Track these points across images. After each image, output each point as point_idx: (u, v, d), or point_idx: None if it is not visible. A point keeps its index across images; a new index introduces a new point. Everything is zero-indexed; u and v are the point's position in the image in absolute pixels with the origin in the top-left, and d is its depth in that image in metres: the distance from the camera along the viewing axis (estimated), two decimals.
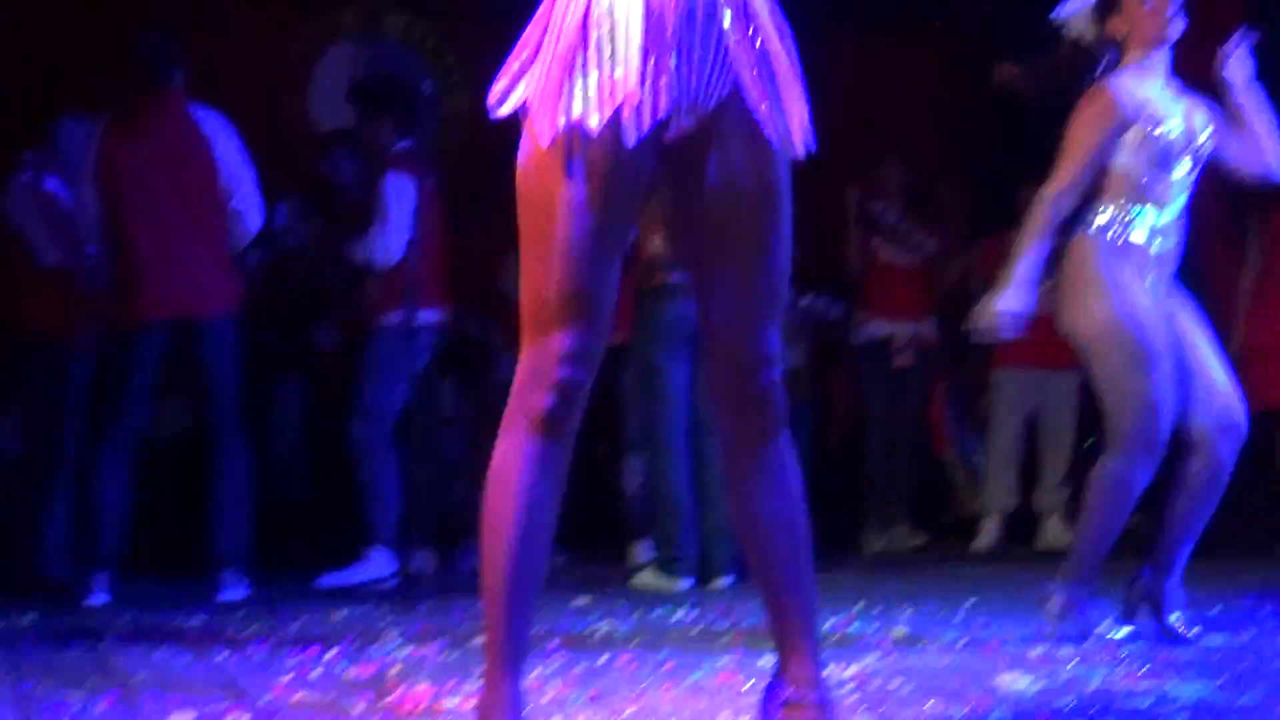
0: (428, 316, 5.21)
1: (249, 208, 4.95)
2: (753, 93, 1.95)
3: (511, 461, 1.93)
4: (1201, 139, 3.64)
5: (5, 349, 5.38)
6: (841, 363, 7.02)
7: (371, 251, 5.23)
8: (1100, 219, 3.62)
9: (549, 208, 1.91)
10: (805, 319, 6.56)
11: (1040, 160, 6.86)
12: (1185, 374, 3.53)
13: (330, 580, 5.17)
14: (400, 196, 5.19)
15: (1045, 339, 6.34)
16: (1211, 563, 4.29)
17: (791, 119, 2.00)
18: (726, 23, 1.94)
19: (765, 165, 1.97)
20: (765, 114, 1.95)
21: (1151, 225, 3.59)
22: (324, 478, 6.17)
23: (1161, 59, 3.69)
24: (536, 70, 1.96)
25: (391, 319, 5.18)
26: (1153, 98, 3.60)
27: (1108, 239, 3.58)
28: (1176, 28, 3.64)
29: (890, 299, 6.60)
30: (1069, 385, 6.48)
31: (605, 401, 5.61)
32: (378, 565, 5.26)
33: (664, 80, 1.87)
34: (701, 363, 2.23)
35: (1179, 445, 3.59)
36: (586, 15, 1.90)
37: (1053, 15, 3.87)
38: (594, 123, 1.86)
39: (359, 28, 8.24)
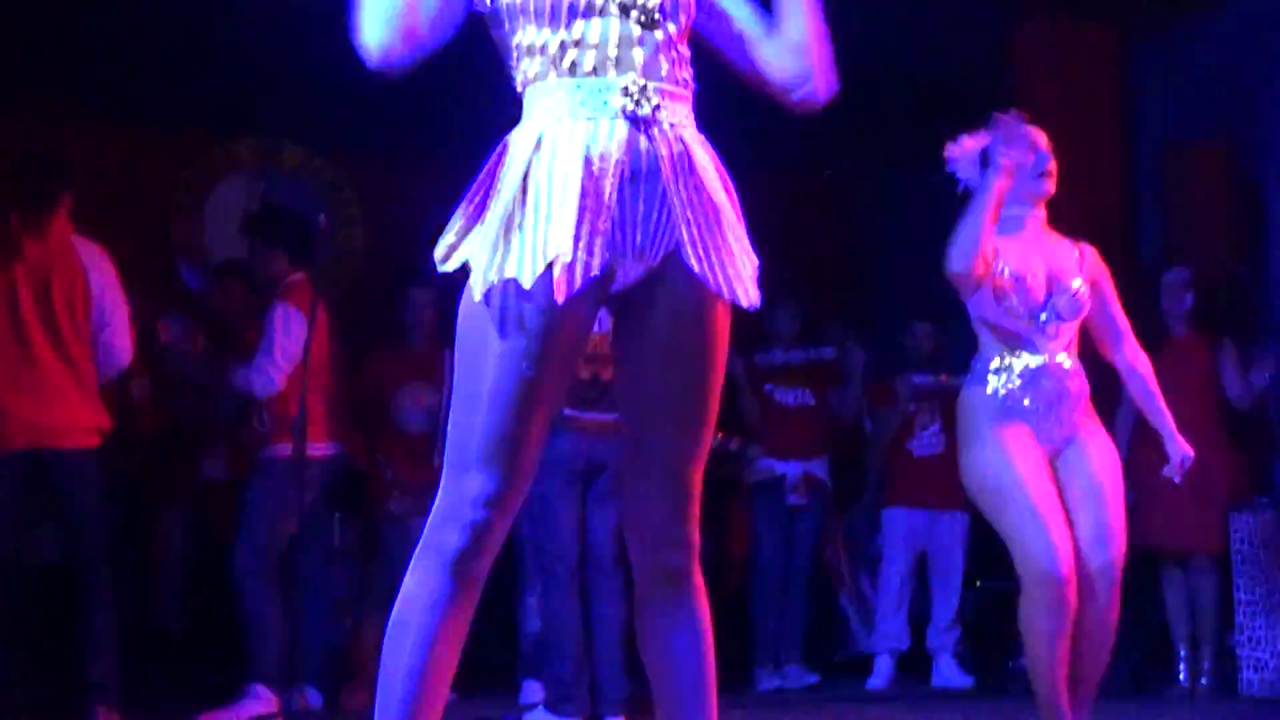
0: (317, 450, 5.16)
1: (120, 340, 4.87)
2: (695, 248, 1.97)
3: (417, 599, 1.93)
4: (1076, 288, 3.74)
5: None
6: (737, 498, 7.03)
7: (253, 380, 5.17)
8: (981, 370, 3.77)
9: (481, 357, 1.94)
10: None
11: (927, 304, 7.05)
12: (1071, 514, 3.61)
13: (210, 718, 5.01)
14: (288, 327, 5.17)
15: (933, 480, 6.51)
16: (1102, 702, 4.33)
17: (736, 271, 2.01)
18: (669, 180, 1.97)
19: (707, 318, 2.02)
20: (707, 269, 1.98)
21: (1028, 370, 3.69)
22: (208, 609, 6.04)
23: (1031, 211, 3.86)
24: (479, 228, 1.98)
25: (280, 451, 5.14)
26: (1014, 253, 3.74)
27: (986, 390, 3.71)
28: (1046, 186, 3.85)
29: (783, 439, 6.63)
30: (958, 525, 6.55)
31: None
32: (259, 702, 5.09)
33: (599, 240, 1.89)
34: (625, 497, 2.24)
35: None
36: (526, 174, 1.93)
37: (946, 154, 4.04)
38: (526, 280, 1.87)
39: (256, 159, 8.28)
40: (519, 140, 2.00)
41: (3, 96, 7.33)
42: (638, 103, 1.97)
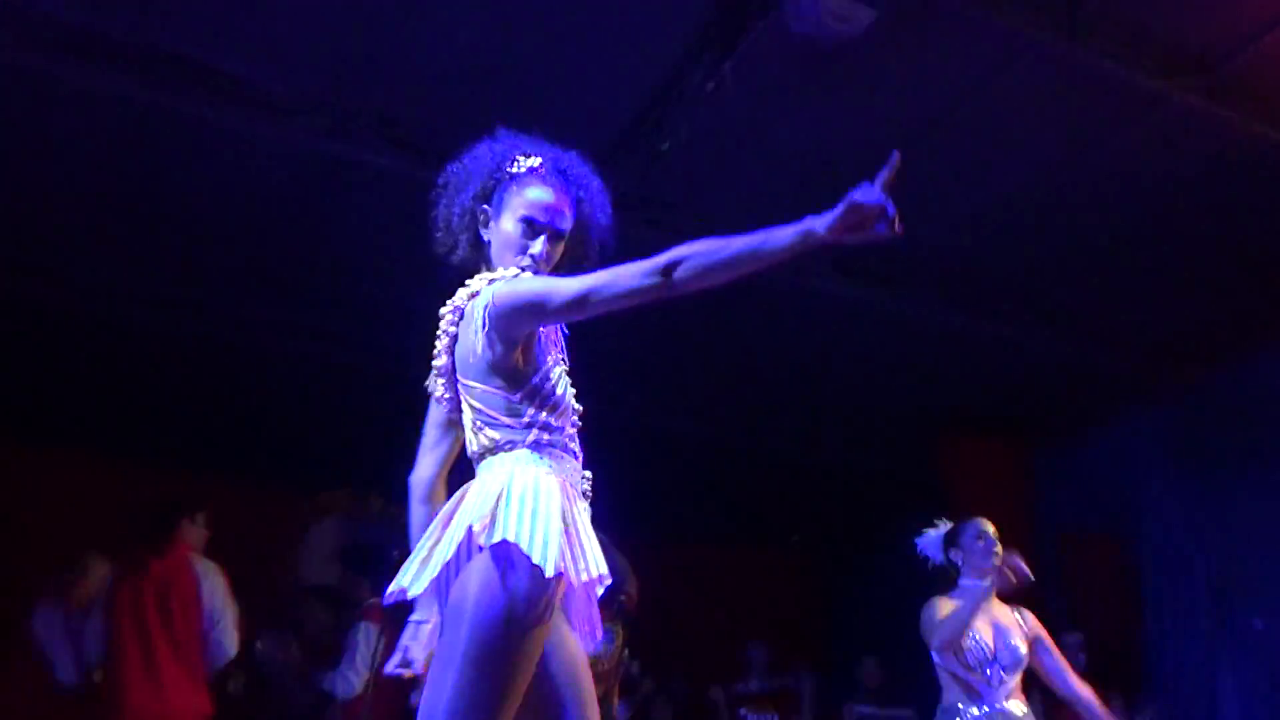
0: None
1: (226, 638, 4.92)
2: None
3: None
4: (1017, 645, 3.75)
5: None
6: None
7: (336, 683, 5.15)
8: (945, 712, 3.73)
9: (522, 659, 1.91)
10: None
11: (876, 644, 6.99)
12: None
13: None
14: (366, 641, 5.19)
15: None
16: None
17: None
18: None
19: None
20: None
21: (987, 715, 3.65)
22: None
23: (985, 583, 3.87)
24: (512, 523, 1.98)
25: None
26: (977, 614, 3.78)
27: None
28: (993, 562, 3.88)
29: None
30: None
31: None
32: None
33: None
34: None
35: None
36: (565, 510, 2.02)
37: (916, 541, 4.24)
38: (585, 575, 1.98)
39: (348, 507, 8.45)
40: (546, 479, 2.04)
41: (144, 456, 7.60)
42: (586, 482, 2.18)
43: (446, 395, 2.27)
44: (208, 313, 6.33)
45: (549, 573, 1.88)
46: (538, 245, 2.22)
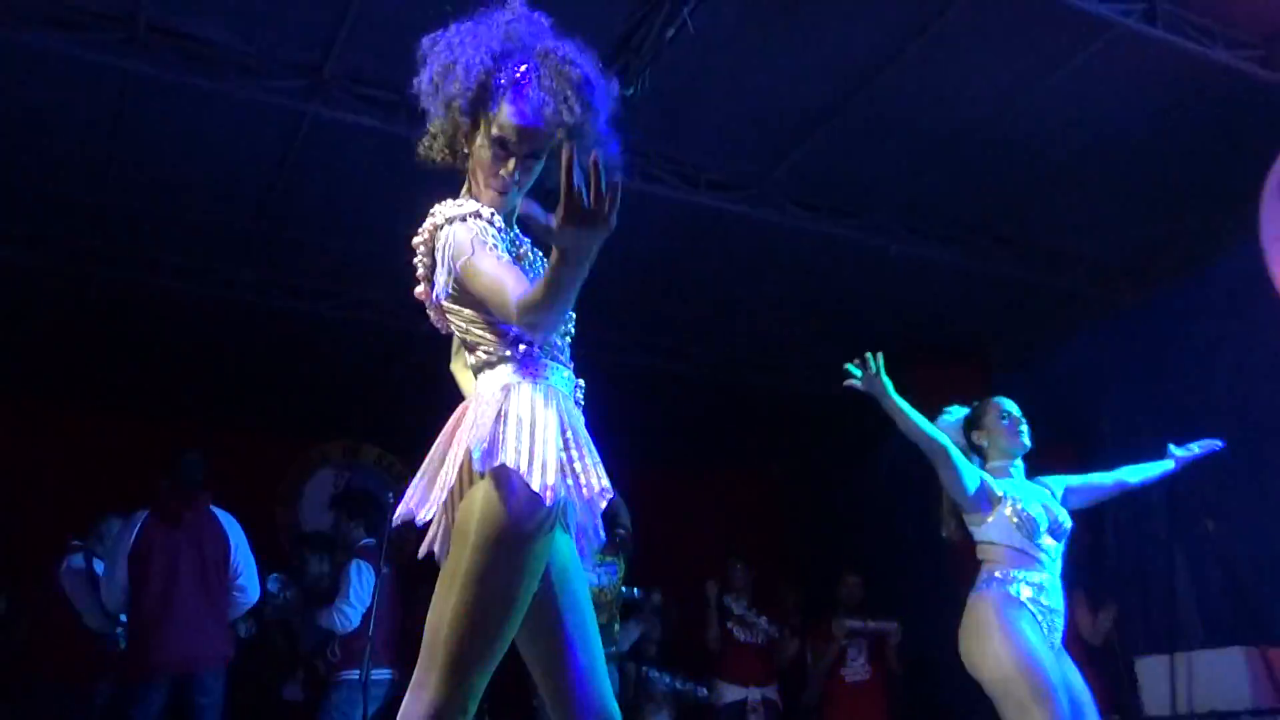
0: (379, 674, 5.16)
1: (250, 586, 5.01)
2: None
3: None
4: (1060, 516, 3.63)
5: (27, 688, 5.22)
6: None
7: (335, 619, 5.22)
8: (988, 582, 3.53)
9: (519, 578, 1.86)
10: (673, 694, 6.55)
11: (853, 559, 7.07)
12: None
13: None
14: (361, 579, 5.25)
15: (862, 701, 6.43)
16: None
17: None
18: None
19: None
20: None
21: (1031, 584, 3.48)
22: None
23: (1015, 460, 3.76)
24: (521, 444, 1.90)
25: (349, 674, 5.13)
26: (1014, 489, 3.63)
27: (999, 595, 3.46)
28: (1025, 439, 3.78)
29: (743, 670, 6.57)
30: None
31: None
32: None
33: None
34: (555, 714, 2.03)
35: None
36: (563, 420, 1.96)
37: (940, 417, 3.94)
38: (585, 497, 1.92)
39: (342, 456, 8.49)
40: (540, 396, 1.96)
41: (161, 411, 7.61)
42: (579, 390, 2.11)
43: (437, 319, 2.18)
44: (200, 273, 6.31)
45: (548, 500, 1.83)
46: (509, 167, 2.09)
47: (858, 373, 3.66)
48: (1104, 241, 6.32)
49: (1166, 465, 4.00)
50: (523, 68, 2.07)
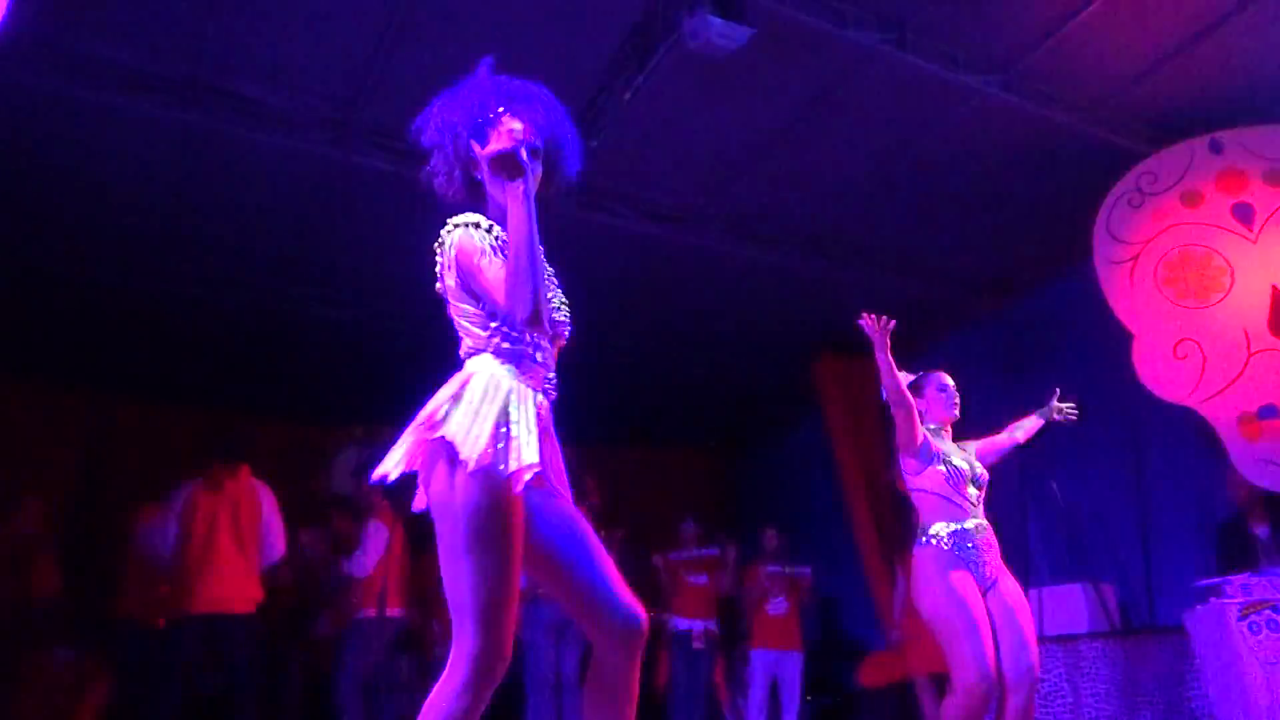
0: (392, 613, 5.10)
1: (279, 541, 4.91)
2: (552, 476, 1.96)
3: (468, 713, 1.72)
4: (979, 469, 3.48)
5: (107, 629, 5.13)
6: (661, 647, 6.87)
7: (354, 566, 5.15)
8: (926, 533, 3.37)
9: (499, 534, 1.76)
10: None
11: (773, 516, 7.08)
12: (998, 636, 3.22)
13: None
14: (376, 534, 5.19)
15: (781, 631, 6.43)
16: None
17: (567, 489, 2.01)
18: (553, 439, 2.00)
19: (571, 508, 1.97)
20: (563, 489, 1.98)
21: (958, 530, 3.32)
22: None
23: (946, 426, 3.59)
24: (463, 419, 1.83)
25: (367, 614, 5.06)
26: (946, 448, 3.50)
27: (935, 551, 3.31)
28: (955, 411, 3.62)
29: (688, 605, 6.55)
30: (798, 661, 6.42)
31: None
32: None
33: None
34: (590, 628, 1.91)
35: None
36: (508, 404, 1.85)
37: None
38: (512, 468, 1.79)
39: (365, 435, 8.40)
40: (501, 378, 1.89)
41: (212, 405, 7.51)
42: (548, 384, 2.00)
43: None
44: (249, 289, 6.21)
45: (471, 467, 1.74)
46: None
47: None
48: (969, 260, 6.36)
49: (1032, 424, 3.88)
50: (509, 101, 2.06)
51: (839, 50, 4.26)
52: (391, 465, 1.86)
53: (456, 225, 1.99)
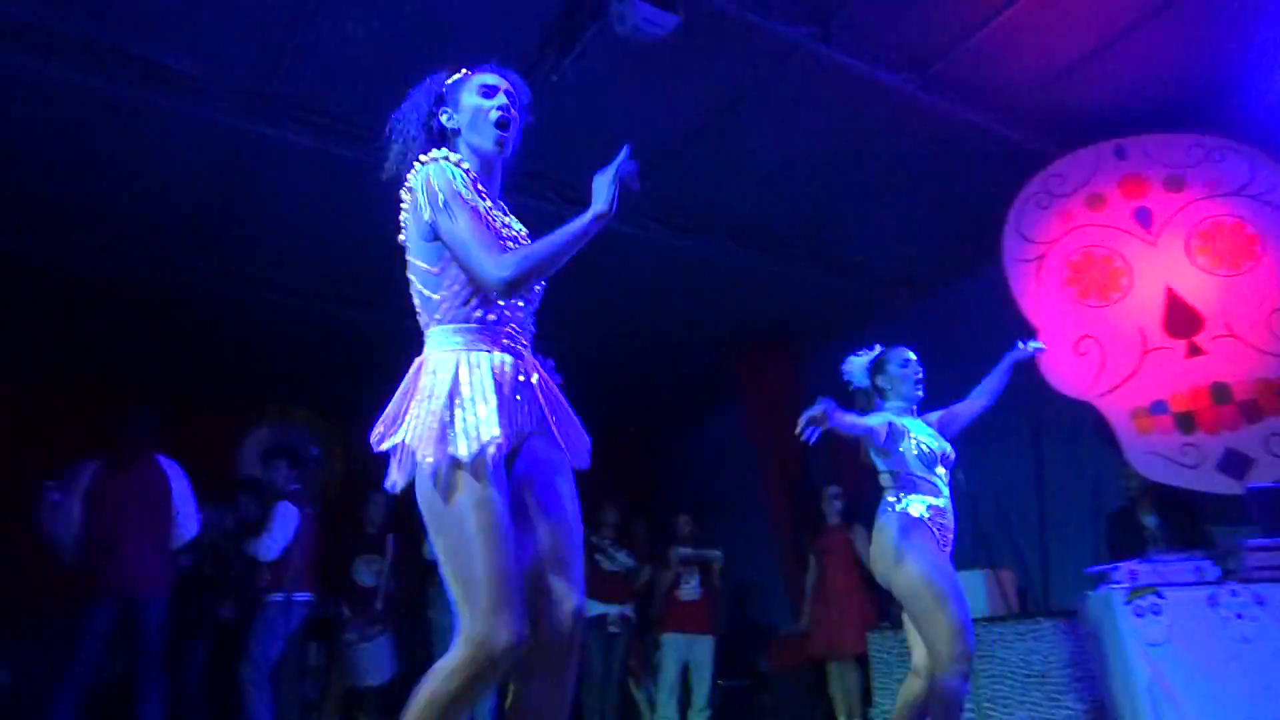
0: (300, 596, 4.99)
1: (187, 523, 4.75)
2: (551, 422, 1.91)
3: (470, 690, 1.64)
4: (948, 449, 3.42)
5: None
6: None
7: (261, 549, 5.02)
8: (893, 505, 3.30)
9: (469, 515, 1.71)
10: None
11: (686, 503, 7.13)
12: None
13: None
14: (285, 518, 5.07)
15: (693, 616, 6.50)
16: None
17: (575, 443, 1.95)
18: (535, 382, 1.93)
19: (565, 465, 1.92)
20: (560, 437, 1.92)
21: (928, 506, 3.25)
22: (220, 713, 5.61)
23: (910, 404, 3.48)
24: (411, 423, 1.80)
25: (275, 597, 4.94)
26: (913, 426, 3.43)
27: (900, 518, 3.24)
28: (920, 386, 3.50)
29: (605, 591, 6.57)
30: (708, 645, 6.50)
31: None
32: None
33: (506, 423, 1.79)
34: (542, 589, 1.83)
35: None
36: (455, 385, 1.80)
37: (843, 366, 3.75)
38: (465, 454, 1.73)
39: (277, 416, 8.20)
40: (442, 358, 1.83)
41: (127, 382, 7.23)
42: (515, 339, 1.93)
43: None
44: (157, 264, 5.97)
45: (429, 465, 1.73)
46: (499, 99, 2.03)
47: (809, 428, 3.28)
48: (888, 256, 6.49)
49: (998, 376, 3.75)
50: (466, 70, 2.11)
51: (765, 42, 4.29)
52: (383, 438, 1.87)
53: (432, 160, 1.92)
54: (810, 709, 6.35)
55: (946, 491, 3.33)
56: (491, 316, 1.89)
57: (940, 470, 3.34)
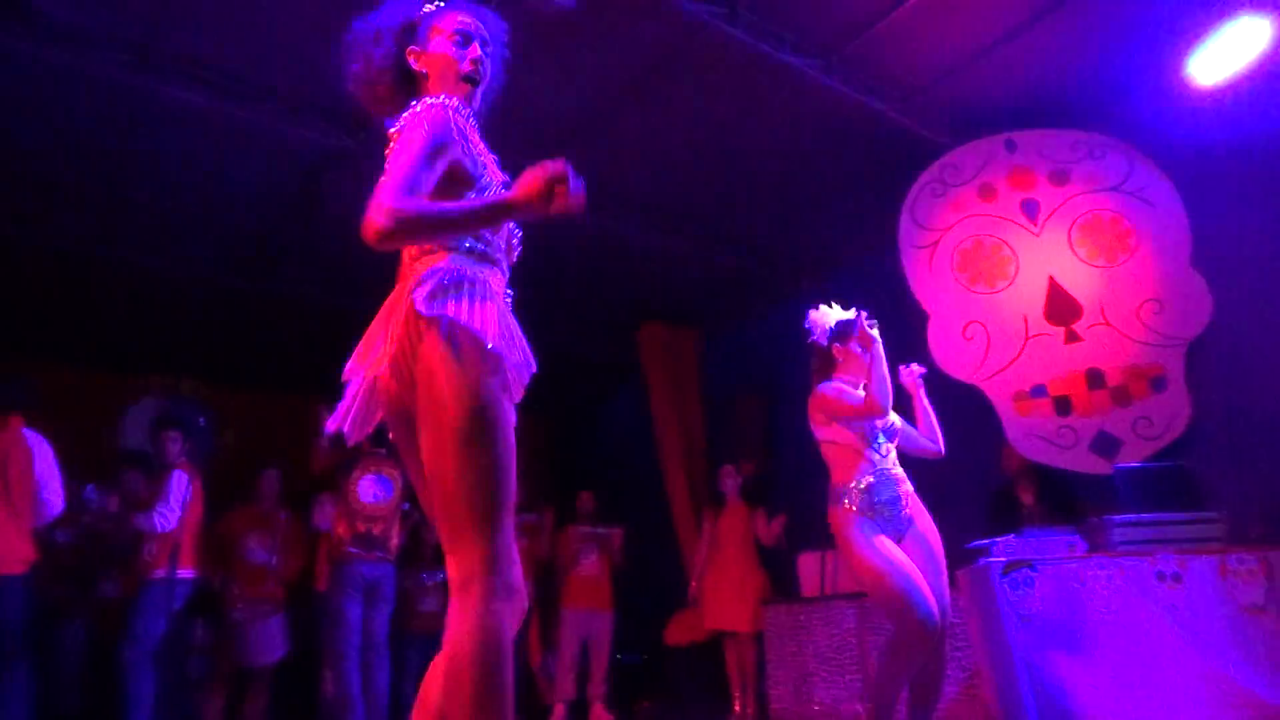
0: (185, 573, 4.82)
1: (54, 498, 4.50)
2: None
3: (507, 630, 1.58)
4: (896, 422, 3.39)
5: None
6: None
7: (154, 520, 4.82)
8: (839, 492, 3.26)
9: (503, 426, 1.66)
10: (441, 584, 6.45)
11: (588, 481, 7.14)
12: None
13: None
14: (178, 486, 4.88)
15: (592, 592, 6.53)
16: None
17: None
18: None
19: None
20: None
21: (869, 484, 3.23)
22: (99, 693, 5.40)
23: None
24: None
25: (159, 574, 4.76)
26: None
27: (846, 514, 3.21)
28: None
29: None
30: (607, 620, 6.55)
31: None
32: None
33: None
34: None
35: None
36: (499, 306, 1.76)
37: (808, 316, 3.62)
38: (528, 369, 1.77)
39: (162, 387, 7.87)
40: (480, 271, 1.77)
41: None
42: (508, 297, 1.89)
43: None
44: (33, 222, 5.66)
45: (489, 344, 1.65)
46: (475, 50, 1.93)
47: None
48: (790, 239, 6.61)
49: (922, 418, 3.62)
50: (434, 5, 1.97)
51: (672, 19, 4.30)
52: (367, 363, 1.72)
53: (429, 103, 1.80)
54: (706, 682, 6.48)
55: (889, 463, 3.30)
56: (498, 264, 1.88)
57: (883, 441, 3.32)
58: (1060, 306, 5.06)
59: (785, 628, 5.53)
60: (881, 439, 3.33)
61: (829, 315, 3.57)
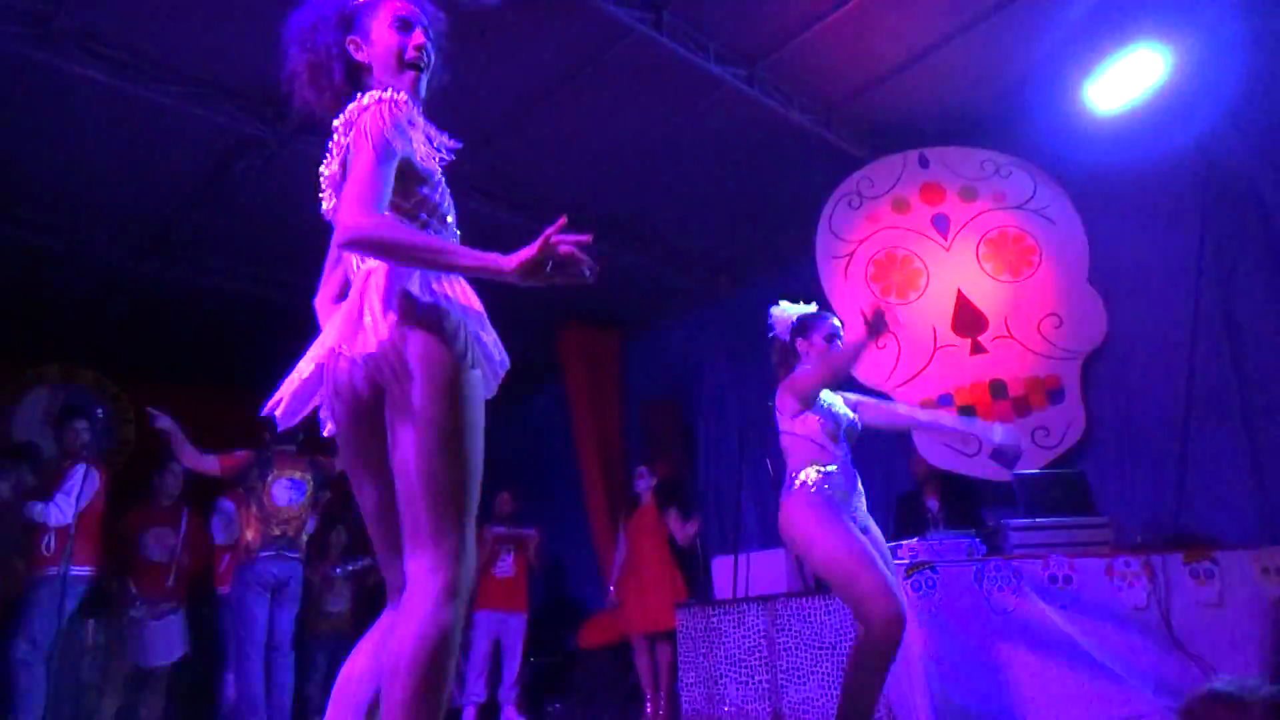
0: (80, 570, 4.63)
1: None
2: None
3: (459, 627, 1.53)
4: (854, 417, 3.31)
5: None
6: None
7: (50, 513, 4.62)
8: (795, 478, 3.15)
9: (477, 429, 1.64)
10: (350, 575, 6.36)
11: (506, 480, 7.08)
12: None
13: None
14: (80, 479, 4.70)
15: (506, 593, 6.49)
16: None
17: None
18: None
19: None
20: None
21: (827, 474, 3.12)
22: None
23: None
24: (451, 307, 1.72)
25: (51, 570, 4.57)
26: (826, 396, 3.28)
27: (803, 495, 3.09)
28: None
29: None
30: (520, 621, 6.52)
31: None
32: None
33: None
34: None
35: None
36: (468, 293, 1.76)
37: (770, 313, 3.55)
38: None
39: (59, 377, 7.53)
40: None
41: None
42: None
43: (333, 204, 1.80)
44: None
45: (461, 337, 1.65)
46: (417, 38, 1.87)
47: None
48: (710, 245, 6.68)
49: (955, 430, 3.68)
50: None
51: (598, 21, 4.32)
52: (355, 340, 1.65)
53: (380, 98, 1.73)
54: (618, 684, 6.50)
55: (848, 460, 3.23)
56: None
57: (843, 439, 3.25)
58: (967, 319, 5.23)
59: (697, 630, 5.56)
60: (841, 433, 3.25)
61: (790, 311, 3.52)
